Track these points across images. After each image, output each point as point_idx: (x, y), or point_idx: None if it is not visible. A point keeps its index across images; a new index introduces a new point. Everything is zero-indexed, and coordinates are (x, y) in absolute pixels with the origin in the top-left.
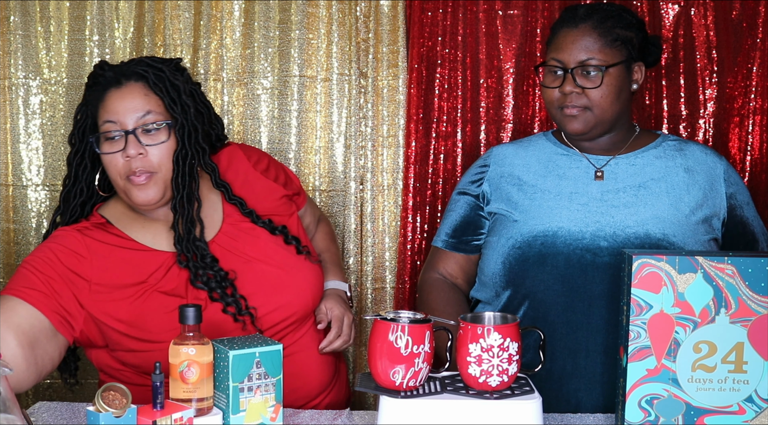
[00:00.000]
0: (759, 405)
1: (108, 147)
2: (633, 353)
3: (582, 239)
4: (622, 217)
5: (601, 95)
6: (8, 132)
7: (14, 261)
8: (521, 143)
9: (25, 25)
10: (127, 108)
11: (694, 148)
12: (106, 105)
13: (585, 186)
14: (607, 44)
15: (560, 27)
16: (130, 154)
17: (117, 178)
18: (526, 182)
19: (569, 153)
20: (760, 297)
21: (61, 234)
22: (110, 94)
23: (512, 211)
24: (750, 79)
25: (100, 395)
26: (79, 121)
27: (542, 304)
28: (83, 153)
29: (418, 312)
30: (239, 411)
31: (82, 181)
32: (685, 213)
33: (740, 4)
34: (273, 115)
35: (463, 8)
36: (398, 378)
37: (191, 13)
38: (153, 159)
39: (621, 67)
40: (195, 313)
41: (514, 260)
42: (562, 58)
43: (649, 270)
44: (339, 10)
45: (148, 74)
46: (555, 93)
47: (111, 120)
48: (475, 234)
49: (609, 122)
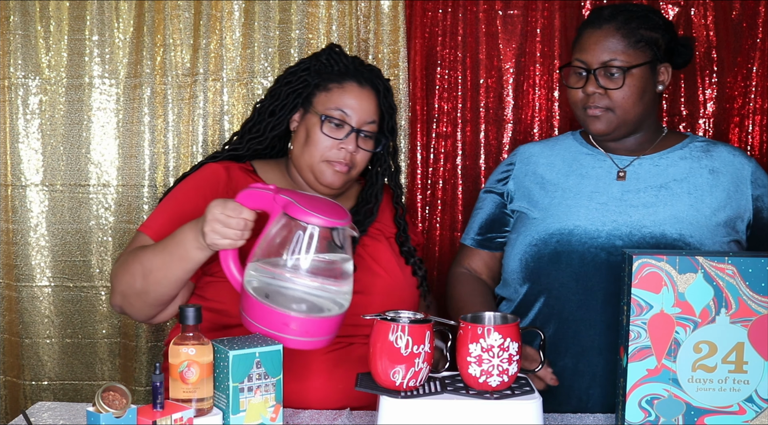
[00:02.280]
0: (759, 405)
1: (328, 130)
2: (633, 353)
3: (597, 238)
4: (639, 217)
5: (623, 96)
6: (7, 132)
7: (13, 262)
8: (548, 142)
9: (24, 25)
10: (363, 108)
11: (722, 149)
12: (344, 94)
13: (606, 185)
14: (631, 45)
15: (585, 27)
16: (348, 148)
17: (317, 156)
18: (548, 181)
19: (594, 152)
20: (761, 297)
21: (208, 167)
22: (351, 87)
23: (532, 209)
24: (750, 79)
25: (100, 395)
26: (294, 82)
27: (557, 301)
28: (283, 107)
29: (418, 313)
30: (239, 411)
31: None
32: (705, 215)
33: (740, 4)
34: None
35: (463, 8)
36: (398, 378)
37: (191, 13)
38: (357, 158)
39: (645, 68)
40: (195, 313)
41: (530, 257)
42: (586, 59)
43: (649, 270)
44: (339, 10)
45: (380, 89)
46: (579, 93)
47: (343, 110)
48: (501, 232)
49: (632, 123)
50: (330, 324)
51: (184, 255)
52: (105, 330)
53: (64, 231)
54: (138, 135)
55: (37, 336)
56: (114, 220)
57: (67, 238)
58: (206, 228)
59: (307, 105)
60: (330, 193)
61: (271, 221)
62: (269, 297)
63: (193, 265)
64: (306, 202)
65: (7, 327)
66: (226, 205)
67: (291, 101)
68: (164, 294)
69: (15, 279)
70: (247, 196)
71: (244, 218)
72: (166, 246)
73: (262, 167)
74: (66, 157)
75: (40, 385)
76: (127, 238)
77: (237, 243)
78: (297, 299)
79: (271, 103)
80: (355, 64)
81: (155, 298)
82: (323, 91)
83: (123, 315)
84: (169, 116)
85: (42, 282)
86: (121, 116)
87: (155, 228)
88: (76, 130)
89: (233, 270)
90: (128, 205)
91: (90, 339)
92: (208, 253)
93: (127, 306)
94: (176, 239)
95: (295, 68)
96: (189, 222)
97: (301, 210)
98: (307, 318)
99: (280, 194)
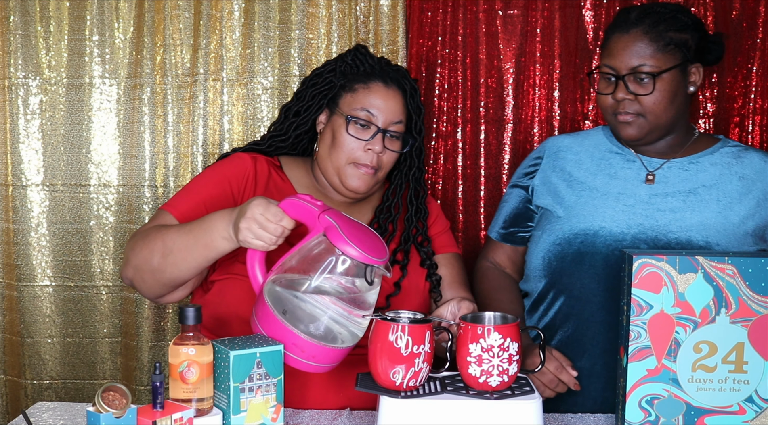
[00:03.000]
0: (759, 405)
1: (354, 131)
2: (633, 353)
3: (623, 241)
4: (666, 222)
5: (653, 101)
6: (8, 132)
7: (14, 261)
8: (577, 136)
9: (25, 25)
10: (389, 109)
11: (753, 156)
12: (370, 95)
13: (634, 188)
14: (660, 49)
15: (612, 32)
16: (375, 149)
17: (343, 158)
18: (576, 178)
19: (624, 152)
20: (761, 297)
21: (236, 156)
22: (376, 87)
23: (557, 207)
24: (750, 79)
25: (100, 395)
26: (320, 83)
27: (578, 301)
28: (308, 108)
29: (417, 313)
30: (240, 411)
31: (295, 131)
32: (733, 223)
33: (740, 4)
34: (273, 115)
35: (463, 8)
36: (398, 378)
37: (191, 13)
38: (384, 160)
39: (675, 71)
40: (195, 313)
41: (552, 256)
42: (614, 65)
43: (649, 270)
44: (339, 10)
45: (406, 88)
46: (608, 99)
47: (369, 111)
48: (524, 227)
49: (664, 127)
50: (339, 354)
51: (210, 243)
52: (106, 329)
53: (65, 231)
54: (138, 135)
55: (38, 335)
56: (114, 220)
57: (67, 238)
58: (242, 224)
59: (333, 106)
60: (355, 197)
61: (310, 237)
62: (287, 315)
63: (216, 254)
64: (348, 229)
65: (8, 327)
66: (268, 208)
67: (316, 102)
68: (179, 276)
69: (16, 279)
70: (291, 204)
71: (283, 226)
72: (192, 230)
73: (289, 163)
74: (66, 157)
75: (42, 384)
76: (128, 238)
77: (269, 247)
78: (315, 323)
79: (296, 104)
80: (381, 64)
81: (169, 279)
82: (349, 92)
83: (132, 288)
84: (169, 116)
85: (43, 281)
86: (121, 116)
87: (181, 209)
88: (76, 130)
89: (257, 271)
90: (128, 205)
91: (91, 339)
92: (233, 246)
93: (137, 281)
94: (204, 225)
95: (320, 70)
96: (221, 211)
97: (341, 237)
98: (320, 345)
99: (325, 214)
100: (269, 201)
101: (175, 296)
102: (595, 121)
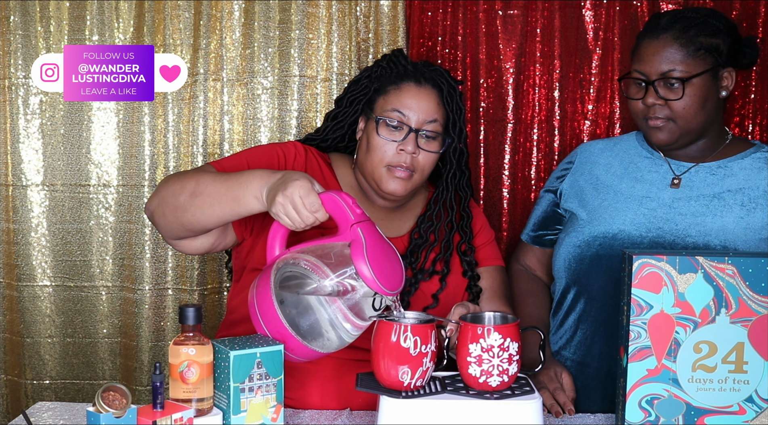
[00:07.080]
0: (759, 405)
1: (386, 133)
2: (633, 353)
3: (640, 244)
4: (685, 226)
5: (684, 106)
6: (8, 132)
7: (14, 261)
8: (610, 141)
9: (25, 25)
10: (421, 108)
11: None
12: (401, 95)
13: (658, 191)
14: (690, 54)
15: (643, 37)
16: (407, 150)
17: (377, 162)
18: (602, 182)
19: (653, 156)
20: (761, 297)
21: (291, 142)
22: (408, 87)
23: (581, 210)
24: (750, 79)
25: (100, 395)
26: (355, 90)
27: (596, 303)
28: (345, 114)
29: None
30: (240, 411)
31: (333, 132)
32: (754, 229)
33: (740, 4)
34: (273, 115)
35: (463, 8)
36: (407, 379)
37: (191, 13)
38: (420, 161)
39: (706, 76)
40: (195, 313)
41: (572, 258)
42: (644, 70)
43: (649, 270)
44: (339, 10)
45: (443, 87)
46: (639, 104)
47: (401, 111)
48: (553, 230)
49: (695, 132)
50: (314, 355)
51: (240, 197)
52: (106, 329)
53: (65, 231)
54: (138, 135)
55: (38, 335)
56: (114, 220)
57: (67, 238)
58: (278, 198)
59: (368, 111)
60: (394, 200)
61: (337, 240)
62: (283, 304)
63: (244, 211)
64: (374, 249)
65: (8, 327)
66: (308, 195)
67: (353, 108)
68: (200, 221)
69: (16, 279)
70: (332, 200)
71: (316, 217)
72: (228, 179)
73: (338, 161)
74: (66, 157)
75: (42, 384)
76: (128, 238)
77: (296, 229)
78: (305, 317)
79: (335, 110)
80: (416, 66)
81: (189, 221)
82: (382, 95)
83: (152, 223)
84: (169, 116)
85: (43, 281)
86: (121, 116)
87: (225, 165)
88: (76, 130)
89: (276, 244)
90: (128, 205)
91: (91, 339)
92: (262, 209)
93: (158, 215)
94: (242, 179)
95: (358, 76)
96: (261, 169)
97: (361, 255)
98: (308, 348)
99: (358, 226)
100: (312, 187)
101: (193, 246)
102: (595, 122)
